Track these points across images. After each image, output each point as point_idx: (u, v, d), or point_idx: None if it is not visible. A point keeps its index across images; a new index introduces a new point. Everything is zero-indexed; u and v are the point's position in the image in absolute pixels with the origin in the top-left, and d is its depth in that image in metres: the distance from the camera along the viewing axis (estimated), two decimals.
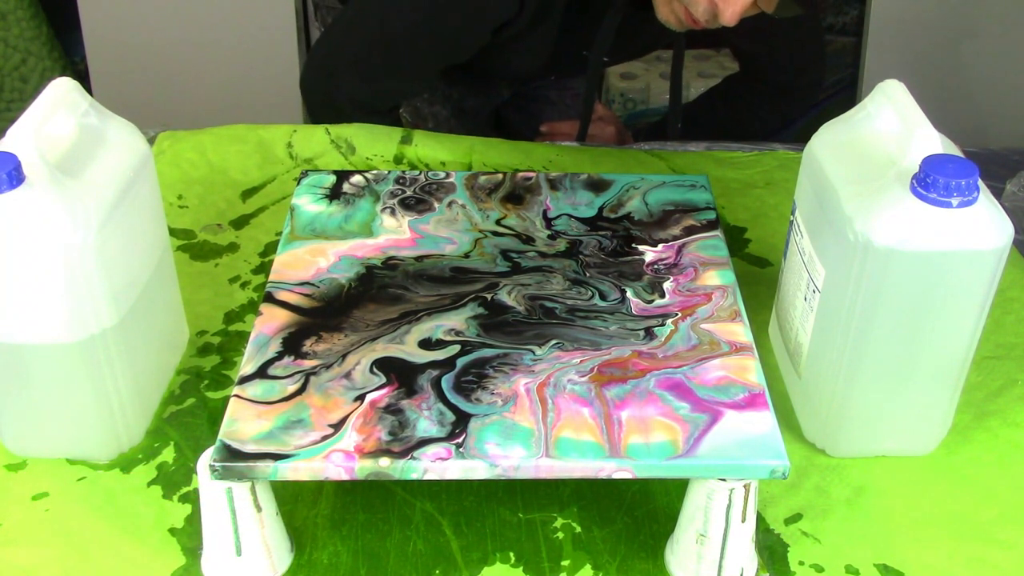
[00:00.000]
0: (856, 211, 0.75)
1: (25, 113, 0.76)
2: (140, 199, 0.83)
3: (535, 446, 0.71)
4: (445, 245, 0.91)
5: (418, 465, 0.70)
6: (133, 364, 0.82)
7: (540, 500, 0.81)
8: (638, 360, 0.78)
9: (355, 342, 0.80)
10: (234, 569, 0.74)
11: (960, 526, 0.80)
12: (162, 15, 2.04)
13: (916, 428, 0.84)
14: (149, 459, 0.84)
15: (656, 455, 0.71)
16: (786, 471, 0.70)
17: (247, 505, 0.71)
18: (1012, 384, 0.92)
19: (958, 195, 0.72)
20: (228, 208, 1.12)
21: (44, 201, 0.72)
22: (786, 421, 0.86)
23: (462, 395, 0.75)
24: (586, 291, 0.86)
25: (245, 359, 0.78)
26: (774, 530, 0.79)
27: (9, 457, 0.84)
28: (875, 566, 0.77)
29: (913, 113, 0.78)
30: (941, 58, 2.01)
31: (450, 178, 1.00)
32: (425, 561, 0.76)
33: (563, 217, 0.95)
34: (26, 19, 2.11)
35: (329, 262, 0.88)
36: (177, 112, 2.03)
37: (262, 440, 0.71)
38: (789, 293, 0.88)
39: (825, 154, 0.83)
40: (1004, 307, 1.00)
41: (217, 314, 0.99)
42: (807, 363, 0.85)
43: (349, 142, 1.22)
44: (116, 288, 0.78)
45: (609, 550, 0.77)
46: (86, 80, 2.11)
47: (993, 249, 0.74)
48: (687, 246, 0.91)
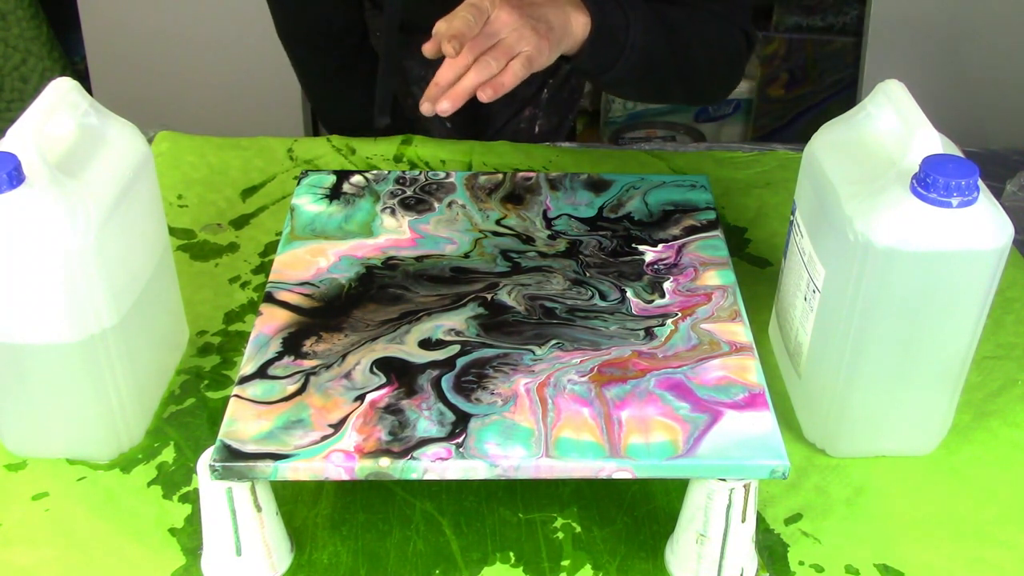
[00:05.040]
0: (856, 211, 0.75)
1: (25, 113, 0.76)
2: (140, 199, 0.83)
3: (535, 446, 0.71)
4: (445, 245, 0.91)
5: (418, 465, 0.70)
6: (133, 364, 0.82)
7: (540, 500, 0.81)
8: (638, 360, 0.78)
9: (355, 342, 0.80)
10: (234, 569, 0.74)
11: (960, 526, 0.80)
12: (162, 15, 2.04)
13: (916, 428, 0.84)
14: (149, 459, 0.84)
15: (656, 455, 0.71)
16: (786, 471, 0.70)
17: (247, 505, 0.71)
18: (1012, 384, 0.92)
19: (958, 195, 0.72)
20: (228, 208, 1.12)
21: (44, 201, 0.72)
22: (786, 421, 0.86)
23: (462, 395, 0.75)
24: (586, 291, 0.86)
25: (245, 359, 0.78)
26: (774, 530, 0.79)
27: (9, 457, 0.84)
28: (875, 566, 0.77)
29: (913, 113, 0.78)
30: (941, 58, 2.01)
31: (450, 178, 1.00)
32: (425, 561, 0.76)
33: (563, 217, 0.95)
34: (26, 19, 2.11)
35: (329, 262, 0.88)
36: (177, 112, 2.04)
37: (262, 440, 0.71)
38: (789, 293, 0.88)
39: (825, 154, 0.83)
40: (1004, 307, 1.00)
41: (217, 314, 0.99)
42: (807, 363, 0.85)
43: (349, 143, 1.22)
44: (116, 288, 0.78)
45: (609, 550, 0.77)
46: (86, 80, 2.11)
47: (993, 249, 0.74)
48: (687, 246, 0.91)
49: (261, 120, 2.08)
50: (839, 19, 2.29)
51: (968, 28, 1.99)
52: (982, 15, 1.97)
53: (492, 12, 0.90)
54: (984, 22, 1.98)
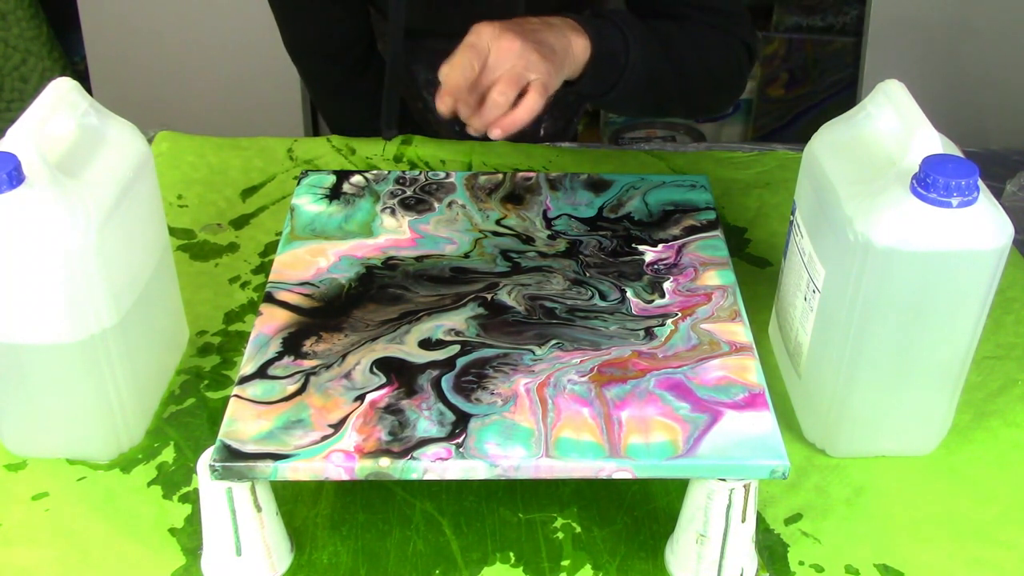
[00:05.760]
0: (856, 211, 0.75)
1: (25, 113, 0.76)
2: (140, 199, 0.83)
3: (535, 446, 0.71)
4: (445, 245, 0.91)
5: (418, 465, 0.70)
6: (133, 364, 0.82)
7: (540, 500, 0.81)
8: (638, 360, 0.78)
9: (355, 342, 0.80)
10: (234, 569, 0.74)
11: (960, 526, 0.80)
12: (162, 15, 2.04)
13: (916, 428, 0.84)
14: (149, 459, 0.84)
15: (656, 455, 0.71)
16: (786, 471, 0.70)
17: (247, 505, 0.71)
18: (1012, 384, 0.92)
19: (958, 195, 0.72)
20: (228, 208, 1.12)
21: (44, 201, 0.72)
22: (786, 421, 0.86)
23: (462, 395, 0.75)
24: (586, 291, 0.86)
25: (245, 359, 0.78)
26: (774, 530, 0.79)
27: (9, 457, 0.84)
28: (875, 566, 0.77)
29: (913, 113, 0.78)
30: (941, 58, 2.01)
31: (450, 178, 1.00)
32: (425, 561, 0.76)
33: (563, 217, 0.95)
34: (26, 19, 2.11)
35: (329, 262, 0.88)
36: (177, 112, 2.04)
37: (262, 440, 0.71)
38: (789, 293, 0.88)
39: (825, 154, 0.83)
40: (1004, 307, 1.00)
41: (217, 314, 0.99)
42: (807, 363, 0.85)
43: (349, 143, 1.22)
44: (116, 288, 0.79)
45: (609, 550, 0.77)
46: (86, 80, 2.11)
47: (993, 249, 0.74)
48: (687, 246, 0.91)
49: (261, 120, 2.08)
50: (839, 19, 2.29)
51: (968, 28, 1.99)
52: (982, 15, 1.97)
53: (492, 44, 0.89)
54: (984, 22, 1.98)
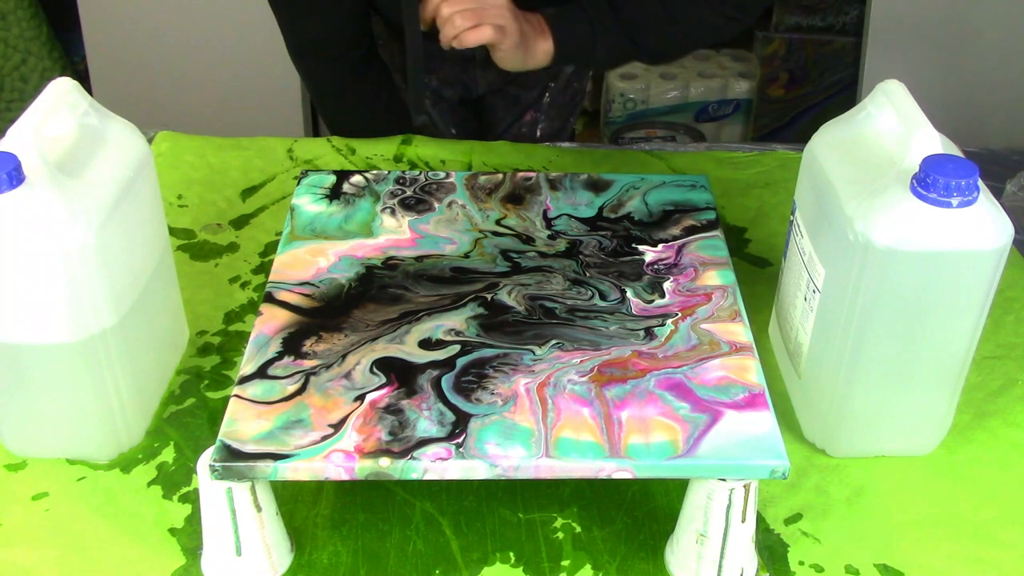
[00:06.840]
0: (856, 211, 0.75)
1: (25, 113, 0.76)
2: (140, 199, 0.83)
3: (535, 446, 0.71)
4: (445, 245, 0.91)
5: (418, 465, 0.70)
6: (133, 364, 0.82)
7: (540, 500, 0.81)
8: (638, 360, 0.78)
9: (355, 342, 0.80)
10: (234, 569, 0.74)
11: (960, 526, 0.80)
12: (162, 15, 2.04)
13: (916, 428, 0.84)
14: (149, 459, 0.84)
15: (656, 455, 0.71)
16: (786, 471, 0.70)
17: (247, 505, 0.71)
18: (1012, 384, 0.92)
19: (958, 195, 0.72)
20: (228, 208, 1.12)
21: (44, 201, 0.72)
22: (786, 421, 0.86)
23: (462, 395, 0.75)
24: (586, 291, 0.86)
25: (245, 359, 0.78)
26: (774, 530, 0.79)
27: (9, 457, 0.84)
28: (875, 566, 0.77)
29: (913, 113, 0.78)
30: (941, 58, 2.01)
31: (450, 178, 1.00)
32: (425, 561, 0.76)
33: (563, 217, 0.95)
34: (26, 19, 2.11)
35: (329, 262, 0.88)
36: (177, 112, 2.04)
37: (262, 440, 0.71)
38: (789, 293, 0.88)
39: (825, 154, 0.83)
40: (1004, 307, 1.00)
41: (217, 314, 0.99)
42: (807, 363, 0.85)
43: (349, 143, 1.22)
44: (116, 288, 0.79)
45: (609, 550, 0.77)
46: (86, 80, 2.11)
47: (993, 249, 0.74)
48: (687, 246, 0.91)
49: (261, 120, 2.08)
50: (839, 19, 2.29)
51: (968, 28, 1.99)
52: (982, 15, 1.97)
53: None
54: (984, 22, 1.98)
